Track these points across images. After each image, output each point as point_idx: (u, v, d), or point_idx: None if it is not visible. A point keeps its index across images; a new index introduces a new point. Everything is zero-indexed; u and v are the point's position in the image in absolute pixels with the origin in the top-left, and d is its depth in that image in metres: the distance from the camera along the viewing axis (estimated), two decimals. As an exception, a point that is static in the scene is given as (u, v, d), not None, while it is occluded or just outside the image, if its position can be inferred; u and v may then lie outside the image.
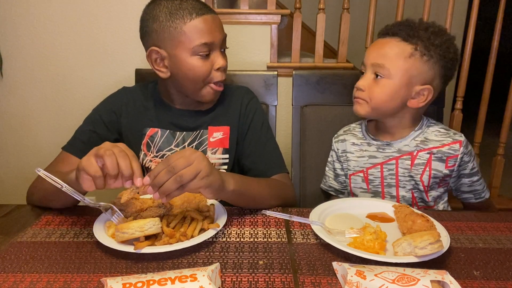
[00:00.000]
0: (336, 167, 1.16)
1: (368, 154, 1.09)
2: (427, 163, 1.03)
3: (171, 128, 1.07)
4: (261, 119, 1.11)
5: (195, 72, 0.97)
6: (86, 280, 0.65)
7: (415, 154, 1.04)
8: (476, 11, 1.87)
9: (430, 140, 1.04)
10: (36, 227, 0.82)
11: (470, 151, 1.03)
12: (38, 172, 0.76)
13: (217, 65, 0.98)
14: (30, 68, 1.79)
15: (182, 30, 0.94)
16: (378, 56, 0.99)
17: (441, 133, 1.05)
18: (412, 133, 1.05)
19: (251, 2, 1.81)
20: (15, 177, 1.93)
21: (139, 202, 0.83)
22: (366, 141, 1.11)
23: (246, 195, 0.88)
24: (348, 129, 1.16)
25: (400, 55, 0.97)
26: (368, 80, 1.01)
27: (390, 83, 0.98)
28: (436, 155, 1.02)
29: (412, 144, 1.04)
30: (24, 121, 1.86)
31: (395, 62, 0.97)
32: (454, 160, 1.01)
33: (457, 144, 1.02)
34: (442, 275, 0.60)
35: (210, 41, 0.96)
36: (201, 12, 0.95)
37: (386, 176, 1.06)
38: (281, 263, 0.70)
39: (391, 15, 1.90)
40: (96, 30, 1.75)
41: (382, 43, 1.01)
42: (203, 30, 0.94)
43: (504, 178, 2.15)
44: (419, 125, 1.06)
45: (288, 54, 1.91)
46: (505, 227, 0.84)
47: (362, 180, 1.09)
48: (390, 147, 1.06)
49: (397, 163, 1.05)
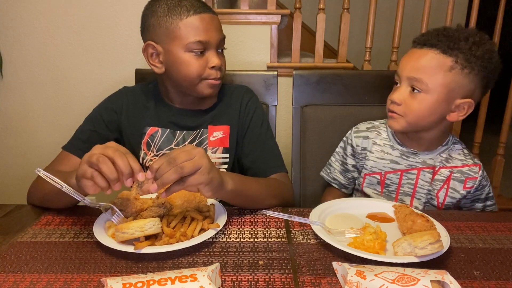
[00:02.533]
0: (349, 162, 1.12)
1: (390, 158, 1.06)
2: (446, 180, 1.02)
3: (171, 127, 1.07)
4: (260, 118, 1.11)
5: (188, 68, 0.98)
6: (86, 280, 0.65)
7: (437, 169, 1.02)
8: (476, 11, 1.87)
9: (453, 159, 1.03)
10: (36, 227, 0.81)
11: (487, 176, 1.03)
12: (38, 172, 0.76)
13: (211, 63, 0.98)
14: (30, 68, 1.79)
15: (178, 26, 0.95)
16: (415, 69, 0.93)
17: (464, 154, 1.04)
18: (439, 148, 1.03)
19: (251, 2, 1.81)
20: (15, 177, 1.93)
21: (139, 202, 0.83)
22: (390, 143, 1.07)
23: (244, 194, 0.88)
24: (372, 126, 1.11)
25: (440, 68, 0.91)
26: (404, 94, 0.95)
27: (428, 97, 0.93)
28: (456, 175, 1.02)
29: (437, 158, 1.03)
30: (24, 121, 1.86)
31: (434, 76, 0.91)
32: (473, 182, 1.01)
33: (477, 167, 1.02)
34: (442, 275, 0.60)
35: (205, 40, 0.96)
36: (198, 10, 0.96)
37: (404, 184, 1.05)
38: (281, 263, 0.70)
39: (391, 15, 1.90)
40: (96, 30, 1.75)
41: (419, 54, 0.94)
42: (198, 28, 0.95)
43: (504, 178, 2.15)
44: (446, 141, 1.04)
45: (288, 54, 1.91)
46: (505, 227, 0.84)
47: (378, 182, 1.07)
48: (415, 157, 1.04)
49: (419, 174, 1.03)
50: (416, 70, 0.93)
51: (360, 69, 2.15)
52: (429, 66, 0.92)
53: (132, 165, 0.71)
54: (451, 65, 0.91)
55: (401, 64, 0.98)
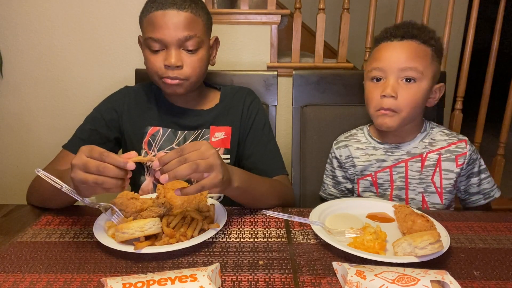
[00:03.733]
0: (338, 174, 1.14)
1: (375, 158, 1.07)
2: (437, 163, 1.02)
3: (172, 127, 1.07)
4: (262, 120, 1.11)
5: (147, 64, 1.00)
6: (86, 280, 0.65)
7: (425, 156, 1.03)
8: (476, 11, 1.87)
9: (437, 141, 1.04)
10: (36, 227, 0.81)
11: (475, 149, 1.04)
12: (38, 172, 0.76)
13: (166, 62, 0.95)
14: (30, 68, 1.79)
15: (143, 22, 0.98)
16: (408, 59, 0.95)
17: (446, 134, 1.06)
18: (419, 135, 1.05)
19: (251, 2, 1.81)
20: (15, 177, 1.93)
21: (139, 202, 0.83)
22: (371, 145, 1.09)
23: (249, 192, 0.88)
24: (350, 135, 1.14)
25: (427, 56, 0.97)
26: (396, 86, 0.96)
27: (422, 85, 0.96)
28: (445, 155, 1.02)
29: (420, 146, 1.04)
30: (24, 121, 1.86)
31: (425, 63, 0.96)
32: (464, 158, 1.02)
33: (463, 142, 1.03)
34: (442, 275, 0.60)
35: (158, 37, 0.94)
36: (161, 7, 0.94)
37: (396, 179, 1.05)
38: (281, 263, 0.70)
39: (391, 15, 1.90)
40: (96, 30, 1.75)
41: (405, 45, 0.97)
42: (154, 24, 0.94)
43: (504, 178, 2.15)
44: (423, 127, 1.06)
45: (288, 54, 1.91)
46: (505, 227, 0.84)
47: (371, 184, 1.08)
48: (399, 150, 1.05)
49: (407, 165, 1.04)
50: (409, 60, 0.95)
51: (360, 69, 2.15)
52: (419, 55, 0.96)
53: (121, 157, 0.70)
54: (431, 54, 0.98)
55: (385, 57, 0.98)
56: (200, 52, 0.99)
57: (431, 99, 1.03)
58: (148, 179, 1.07)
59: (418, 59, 0.96)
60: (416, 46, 0.97)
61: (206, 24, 1.01)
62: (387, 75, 0.97)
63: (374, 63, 1.00)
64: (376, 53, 1.02)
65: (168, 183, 0.89)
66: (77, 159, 0.69)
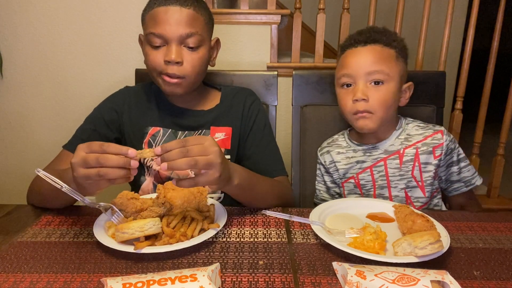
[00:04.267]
0: (326, 180, 1.17)
1: (355, 160, 1.10)
2: (415, 158, 1.04)
3: (173, 127, 1.07)
4: (263, 121, 1.11)
5: (147, 60, 0.99)
6: (86, 280, 0.65)
7: (402, 152, 1.05)
8: (476, 11, 1.87)
9: (412, 135, 1.06)
10: (36, 227, 0.82)
11: (453, 139, 1.05)
12: (38, 172, 0.76)
13: (167, 57, 0.95)
14: (30, 68, 1.79)
15: (145, 18, 0.99)
16: (374, 63, 0.99)
17: (421, 127, 1.07)
18: (394, 132, 1.07)
19: (251, 2, 1.81)
20: (15, 177, 1.93)
21: (139, 202, 0.83)
22: (351, 148, 1.12)
23: (249, 190, 0.88)
24: (332, 141, 1.17)
25: (391, 58, 1.00)
26: (366, 89, 0.99)
27: (390, 86, 1.00)
28: (422, 149, 1.04)
29: (397, 143, 1.06)
30: (24, 121, 1.86)
31: (390, 65, 0.99)
32: (441, 148, 1.03)
33: (438, 133, 1.04)
34: (442, 275, 0.60)
35: (159, 33, 0.94)
36: (164, 3, 0.95)
37: (377, 178, 1.07)
38: (281, 263, 0.70)
39: (391, 15, 1.90)
40: (96, 30, 1.75)
41: (369, 50, 1.01)
42: (155, 20, 0.95)
43: (504, 178, 2.15)
44: (398, 124, 1.08)
45: (288, 54, 1.91)
46: (505, 227, 0.84)
47: (355, 186, 1.10)
48: (376, 150, 1.08)
49: (386, 163, 1.06)
50: (374, 63, 0.99)
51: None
52: (383, 58, 1.00)
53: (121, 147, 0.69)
54: (396, 55, 1.01)
55: (352, 64, 1.01)
56: (201, 50, 0.99)
57: (402, 98, 1.05)
58: (148, 179, 1.07)
59: (383, 61, 0.99)
60: (380, 49, 1.00)
61: (208, 23, 1.01)
62: (355, 80, 1.01)
63: (342, 70, 1.03)
64: (343, 60, 1.05)
65: (168, 183, 0.89)
66: (75, 157, 0.69)
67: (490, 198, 2.16)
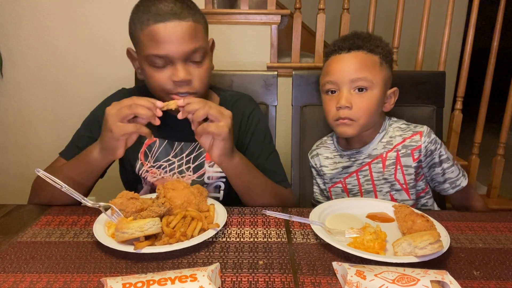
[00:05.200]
0: (319, 182, 1.17)
1: (341, 165, 1.10)
2: (397, 161, 1.04)
3: (169, 138, 1.03)
4: (263, 131, 1.08)
5: (151, 81, 0.92)
6: (86, 280, 0.65)
7: (385, 156, 1.05)
8: (476, 11, 1.87)
9: (394, 138, 1.06)
10: (36, 227, 0.81)
11: (434, 139, 1.03)
12: (38, 172, 0.76)
13: (174, 77, 0.88)
14: (30, 68, 1.79)
15: (139, 36, 0.88)
16: (357, 70, 0.98)
17: (402, 129, 1.06)
18: (377, 136, 1.07)
19: (251, 2, 1.81)
20: (15, 177, 1.93)
21: (139, 202, 0.83)
22: (338, 153, 1.12)
23: (247, 173, 0.90)
24: (321, 143, 1.17)
25: (375, 65, 1.00)
26: (349, 97, 0.99)
27: (374, 93, 0.99)
28: (402, 151, 1.03)
29: (379, 146, 1.06)
30: (24, 121, 1.86)
31: (374, 72, 0.99)
32: (419, 151, 1.02)
33: (417, 135, 1.03)
34: (442, 275, 0.60)
35: (163, 54, 0.86)
36: (160, 19, 0.85)
37: (363, 183, 1.07)
38: (281, 263, 0.70)
39: (391, 15, 1.90)
40: (96, 30, 1.75)
41: (353, 57, 1.00)
42: (155, 40, 0.86)
43: (504, 178, 2.15)
44: (382, 127, 1.07)
45: (288, 54, 1.91)
46: (505, 227, 0.84)
47: (342, 191, 1.10)
48: (360, 154, 1.08)
49: (370, 168, 1.06)
50: (358, 70, 0.98)
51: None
52: (367, 64, 0.99)
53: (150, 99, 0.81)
54: (379, 61, 1.00)
55: (336, 71, 1.01)
56: (206, 62, 0.93)
57: (387, 104, 1.05)
58: (145, 187, 1.05)
59: (367, 68, 0.98)
60: (364, 55, 0.99)
61: (205, 29, 0.95)
62: (340, 87, 1.00)
63: (326, 77, 1.03)
64: (327, 66, 1.04)
65: (168, 183, 0.89)
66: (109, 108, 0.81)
67: (490, 198, 2.16)
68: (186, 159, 1.03)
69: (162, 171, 1.02)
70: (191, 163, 1.03)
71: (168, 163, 1.03)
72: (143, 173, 1.04)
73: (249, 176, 0.91)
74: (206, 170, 1.03)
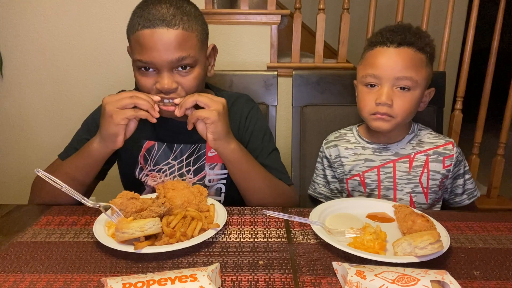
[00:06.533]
0: (328, 173, 1.15)
1: (363, 158, 1.08)
2: (425, 164, 1.03)
3: (168, 141, 1.03)
4: (262, 130, 1.07)
5: (139, 85, 0.92)
6: (86, 280, 0.65)
7: (413, 157, 1.04)
8: (476, 11, 1.87)
9: (424, 143, 1.05)
10: (36, 227, 0.81)
11: (461, 151, 1.05)
12: (38, 172, 0.76)
13: (158, 85, 0.87)
14: (30, 68, 1.79)
15: (130, 39, 0.90)
16: (405, 68, 0.94)
17: (433, 136, 1.07)
18: (407, 136, 1.06)
19: (251, 2, 1.81)
20: (15, 177, 1.93)
21: (139, 202, 0.83)
22: (360, 145, 1.10)
23: (245, 162, 0.90)
24: (339, 135, 1.15)
25: (422, 64, 0.96)
26: (391, 94, 0.96)
27: (416, 93, 0.97)
28: (433, 156, 1.03)
29: (408, 147, 1.05)
30: (24, 121, 1.86)
31: (420, 72, 0.96)
32: (450, 160, 1.03)
33: (450, 144, 1.04)
34: (442, 275, 0.60)
35: (147, 60, 0.86)
36: (148, 24, 0.84)
37: (383, 179, 1.06)
38: (281, 263, 0.70)
39: (391, 15, 1.90)
40: (96, 31, 1.75)
41: (402, 53, 0.95)
42: (141, 45, 0.86)
43: (504, 178, 2.15)
44: (411, 129, 1.07)
45: (288, 54, 1.91)
46: (505, 227, 0.84)
47: (359, 184, 1.09)
48: (387, 151, 1.06)
49: (395, 166, 1.05)
50: (405, 69, 0.95)
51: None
52: (414, 64, 0.95)
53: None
54: (426, 60, 0.98)
55: (381, 65, 0.96)
56: (196, 70, 0.91)
57: (422, 104, 1.04)
58: (147, 189, 1.05)
59: (414, 68, 0.95)
60: (412, 53, 0.95)
61: (200, 38, 0.91)
62: (382, 82, 0.97)
63: (369, 69, 0.98)
64: (371, 58, 0.99)
65: (168, 183, 0.89)
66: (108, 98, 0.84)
67: (490, 198, 2.16)
68: (186, 162, 1.03)
69: (162, 175, 1.02)
70: (191, 165, 1.03)
71: (168, 166, 1.03)
72: (143, 177, 1.04)
73: (247, 165, 0.90)
74: (207, 172, 1.03)
